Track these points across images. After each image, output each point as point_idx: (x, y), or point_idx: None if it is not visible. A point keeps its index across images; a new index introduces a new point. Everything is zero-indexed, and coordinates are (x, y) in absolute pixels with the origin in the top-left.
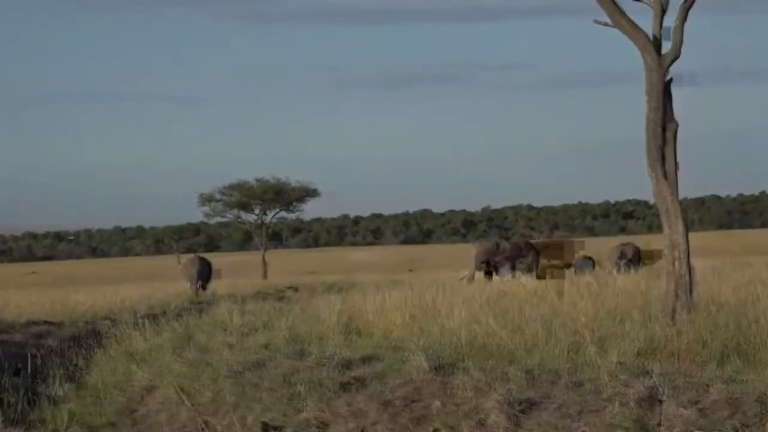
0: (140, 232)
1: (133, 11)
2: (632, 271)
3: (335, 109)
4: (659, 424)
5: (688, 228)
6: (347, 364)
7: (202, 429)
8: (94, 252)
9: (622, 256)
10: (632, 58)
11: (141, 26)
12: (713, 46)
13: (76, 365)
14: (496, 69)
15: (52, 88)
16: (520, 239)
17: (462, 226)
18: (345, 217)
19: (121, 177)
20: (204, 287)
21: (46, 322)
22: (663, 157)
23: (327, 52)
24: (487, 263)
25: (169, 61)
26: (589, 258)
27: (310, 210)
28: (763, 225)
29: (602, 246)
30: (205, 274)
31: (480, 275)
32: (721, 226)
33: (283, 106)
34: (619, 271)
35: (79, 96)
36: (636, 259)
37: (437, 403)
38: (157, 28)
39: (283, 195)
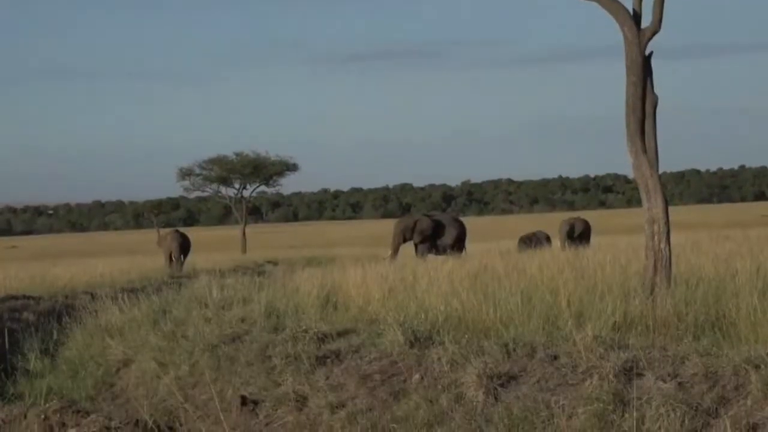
0: (119, 206)
1: None
2: (581, 246)
3: (313, 83)
4: (638, 398)
5: (667, 202)
6: (323, 338)
7: (182, 403)
8: (74, 226)
9: (571, 230)
10: (612, 32)
11: (116, 3)
12: (695, 21)
13: (53, 339)
14: (475, 44)
15: (31, 64)
16: (445, 215)
17: (442, 200)
18: (325, 191)
19: (101, 152)
20: (182, 262)
21: (24, 297)
22: (642, 132)
23: (304, 26)
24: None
25: (146, 37)
26: (541, 232)
27: (289, 184)
28: (742, 199)
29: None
30: (186, 248)
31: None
32: (700, 201)
33: (261, 80)
34: (569, 245)
35: (58, 72)
36: (586, 234)
37: (416, 376)
38: (135, 5)
39: (263, 169)
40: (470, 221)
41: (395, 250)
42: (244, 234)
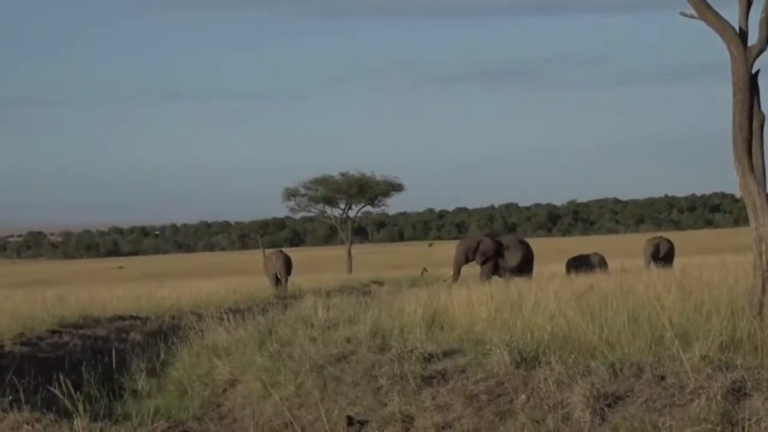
0: (226, 226)
1: (208, 8)
2: (665, 267)
3: (418, 103)
4: (747, 419)
5: None
6: (429, 358)
7: (290, 423)
8: (180, 247)
9: (656, 251)
10: (717, 51)
11: (221, 25)
12: None
13: (160, 359)
14: (579, 63)
15: (135, 86)
16: (510, 236)
17: (547, 219)
18: (430, 211)
19: (207, 172)
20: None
21: (131, 317)
22: (750, 151)
23: (408, 47)
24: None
25: (248, 58)
26: (595, 254)
27: (394, 204)
28: None
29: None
30: (290, 269)
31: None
32: None
33: (366, 101)
34: (654, 266)
35: (165, 95)
36: (670, 255)
37: (522, 397)
38: (235, 27)
39: (368, 189)
40: (575, 241)
41: (457, 272)
42: (349, 254)
